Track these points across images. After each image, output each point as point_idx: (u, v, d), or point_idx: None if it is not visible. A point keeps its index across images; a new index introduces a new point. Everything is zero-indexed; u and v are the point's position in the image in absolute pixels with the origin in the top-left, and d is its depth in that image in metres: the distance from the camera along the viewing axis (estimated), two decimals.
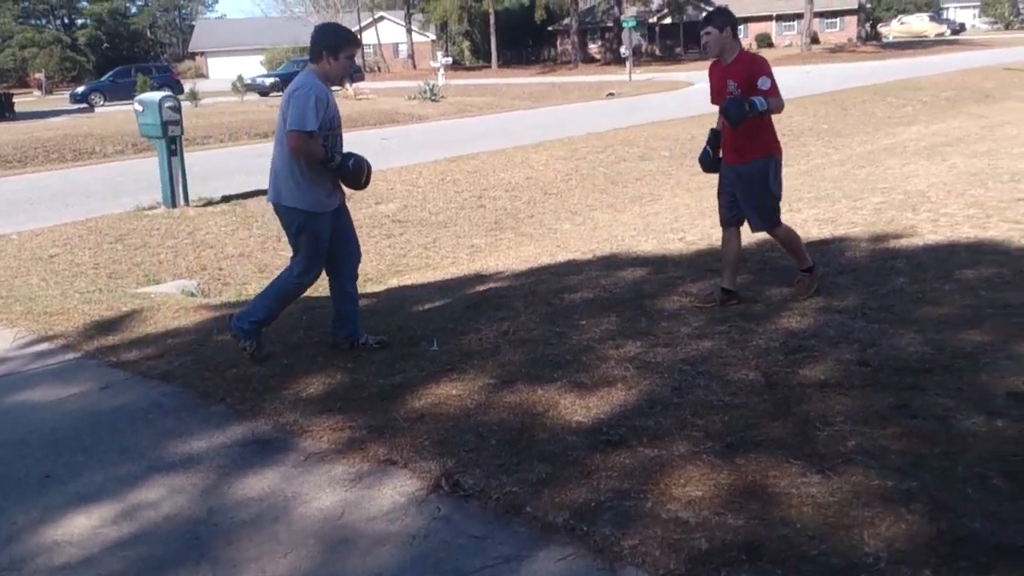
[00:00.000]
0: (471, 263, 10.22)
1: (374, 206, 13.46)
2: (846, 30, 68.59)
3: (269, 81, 45.58)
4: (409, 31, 72.06)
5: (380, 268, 10.61)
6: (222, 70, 71.83)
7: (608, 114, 25.75)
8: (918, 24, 76.30)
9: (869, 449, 3.74)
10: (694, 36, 68.04)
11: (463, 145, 19.89)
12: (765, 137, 5.88)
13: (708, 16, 5.85)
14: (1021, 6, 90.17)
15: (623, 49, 49.81)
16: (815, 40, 61.91)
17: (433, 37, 75.69)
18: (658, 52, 67.50)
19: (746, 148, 5.86)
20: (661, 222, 10.72)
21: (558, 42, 71.85)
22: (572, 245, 10.09)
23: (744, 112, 5.57)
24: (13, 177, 18.84)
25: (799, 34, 61.19)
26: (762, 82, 5.63)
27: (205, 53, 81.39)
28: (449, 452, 4.05)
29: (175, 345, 6.17)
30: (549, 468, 3.80)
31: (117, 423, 4.81)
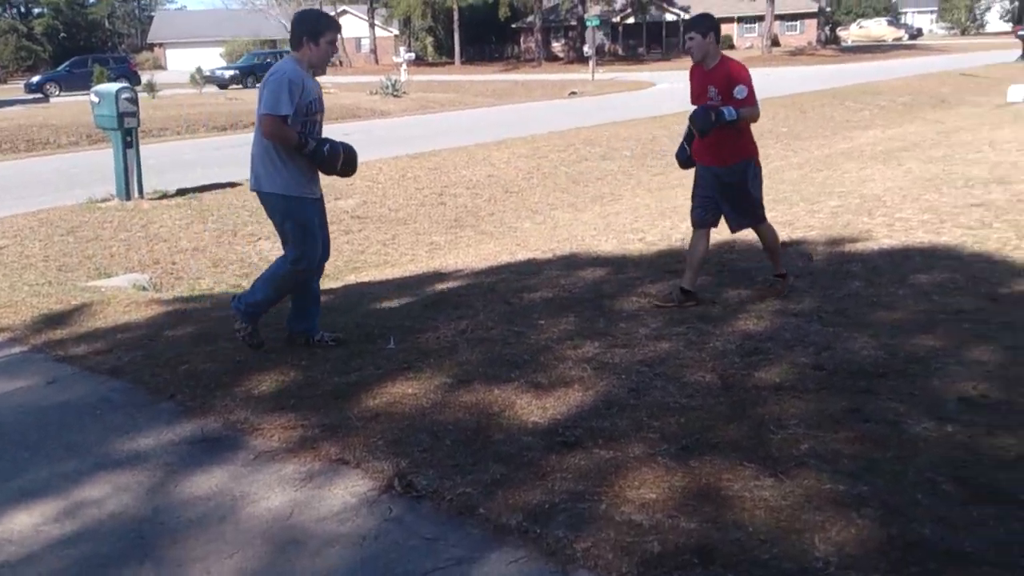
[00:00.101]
0: (430, 260, 10.18)
1: (333, 201, 13.33)
2: (806, 33, 69.23)
3: (228, 74, 45.06)
4: (372, 25, 71.74)
5: (338, 264, 10.52)
6: (181, 62, 70.92)
7: (570, 113, 25.79)
8: (876, 28, 77.32)
9: (822, 453, 3.75)
10: (657, 36, 68.50)
11: (424, 141, 19.82)
12: (742, 141, 5.89)
13: (692, 21, 5.85)
14: (977, 12, 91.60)
15: (586, 48, 49.95)
16: (776, 43, 62.45)
17: (396, 32, 75.40)
18: (621, 52, 67.68)
19: (724, 152, 5.87)
20: (621, 222, 10.73)
21: (522, 40, 71.87)
22: (532, 244, 10.07)
23: (711, 122, 5.60)
24: None
25: (760, 36, 61.67)
26: (738, 91, 5.64)
27: (164, 44, 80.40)
28: (403, 452, 4.00)
29: (125, 340, 6.07)
30: (504, 469, 3.77)
31: (64, 418, 4.72)
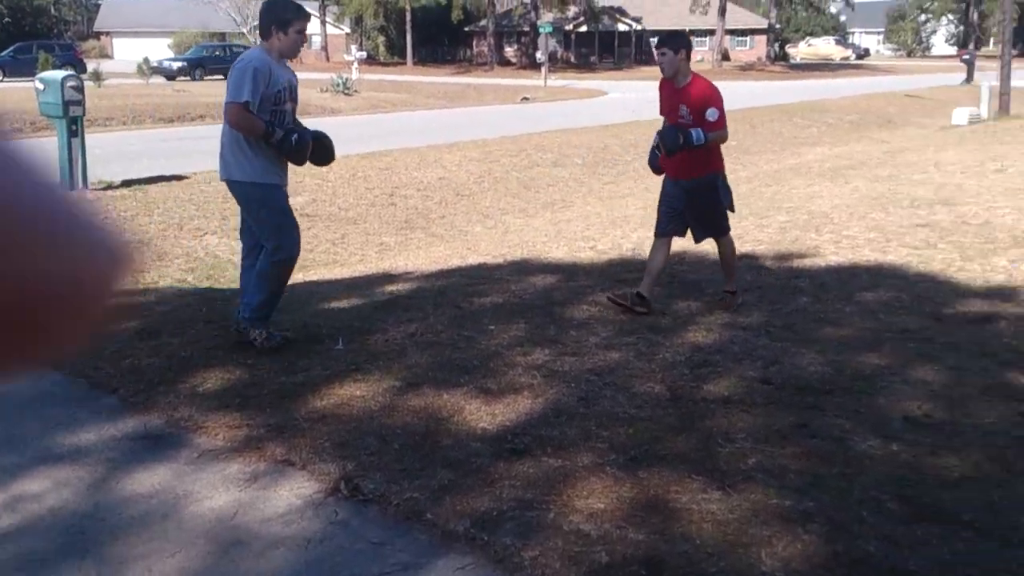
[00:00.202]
0: (380, 261, 10.10)
1: None
2: (756, 49, 70.03)
3: (176, 65, 44.26)
4: (323, 23, 71.15)
5: None
6: (128, 51, 69.59)
7: (522, 118, 25.78)
8: (825, 47, 78.56)
9: (769, 467, 3.78)
10: (609, 46, 68.89)
11: (376, 141, 19.69)
12: (710, 156, 5.97)
13: (664, 38, 5.92)
14: (923, 35, 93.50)
15: (539, 54, 50.08)
16: (726, 57, 63.11)
17: (348, 30, 74.87)
18: (573, 59, 67.90)
19: (691, 166, 5.94)
20: (572, 229, 10.75)
21: (474, 43, 71.80)
22: (483, 248, 10.05)
23: (679, 145, 5.70)
24: None
25: (711, 50, 62.19)
26: (711, 113, 5.73)
27: (111, 33, 78.87)
28: (350, 455, 3.97)
29: None
30: (452, 475, 3.75)
31: (3, 411, 4.59)
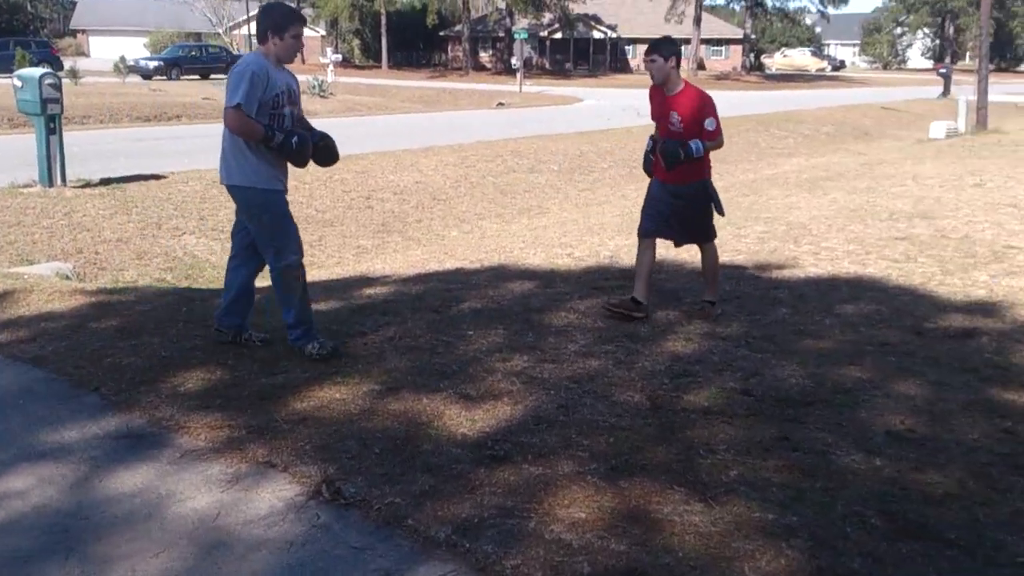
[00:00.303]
0: (357, 264, 10.09)
1: None
2: (731, 59, 70.48)
3: (153, 64, 44.11)
4: None
5: None
6: (104, 49, 68.98)
7: (498, 124, 25.81)
8: (800, 58, 79.20)
9: (751, 480, 3.79)
10: (584, 53, 69.09)
11: (352, 144, 19.55)
12: (700, 163, 6.01)
13: (655, 44, 5.96)
14: (899, 48, 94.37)
15: (514, 60, 50.08)
16: (701, 66, 63.45)
17: (323, 33, 74.52)
18: (548, 66, 68.03)
19: (683, 171, 5.98)
20: (549, 236, 10.77)
21: (449, 48, 71.76)
22: (460, 253, 10.05)
23: (679, 159, 5.80)
24: None
25: (686, 59, 62.49)
26: (709, 123, 5.84)
27: (87, 31, 78.10)
28: (331, 458, 3.95)
29: (48, 329, 5.89)
30: (433, 480, 3.75)
31: None
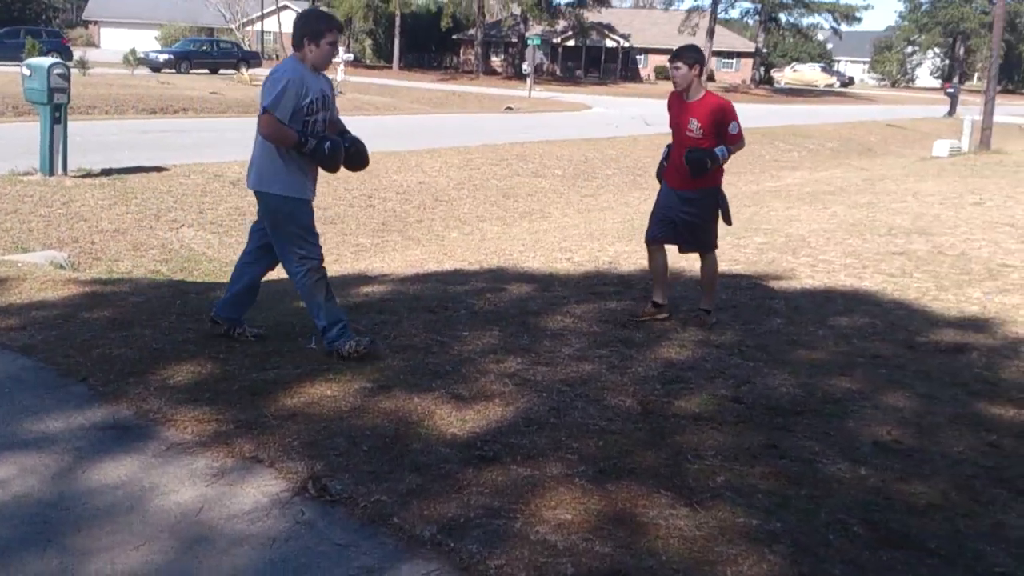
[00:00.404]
0: (355, 262, 10.09)
1: None
2: (741, 71, 70.56)
3: (163, 57, 43.87)
4: None
5: None
6: (115, 41, 69.16)
7: (505, 128, 25.80)
8: (810, 73, 79.17)
9: (737, 486, 3.78)
10: (596, 60, 69.14)
11: None
12: (712, 171, 6.04)
13: (679, 51, 5.96)
14: (908, 67, 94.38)
15: (525, 65, 50.15)
16: (711, 78, 63.49)
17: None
18: (559, 72, 68.10)
19: (691, 178, 6.00)
20: (550, 240, 10.77)
21: (461, 51, 71.85)
22: (459, 254, 10.05)
23: (706, 167, 5.88)
24: None
25: None
26: (732, 127, 5.93)
27: (99, 22, 78.27)
28: (318, 454, 3.94)
29: (39, 318, 5.88)
30: (420, 479, 3.73)
31: None
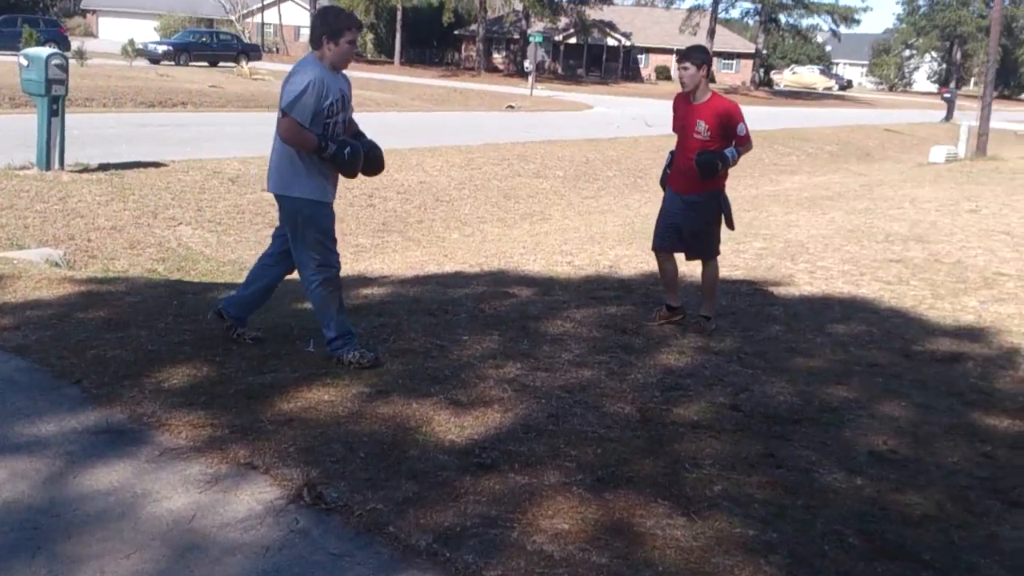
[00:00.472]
0: (355, 263, 10.05)
1: (260, 193, 13.09)
2: (741, 73, 70.58)
3: (162, 49, 43.71)
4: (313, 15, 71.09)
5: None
6: (113, 31, 68.98)
7: (507, 127, 25.74)
8: (809, 76, 79.13)
9: (734, 496, 3.77)
10: (597, 59, 69.08)
11: None
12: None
13: (688, 51, 5.95)
14: (906, 71, 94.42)
15: (527, 63, 50.02)
16: (712, 80, 63.46)
17: None
18: (560, 70, 68.03)
19: (696, 181, 6.00)
20: (550, 243, 10.74)
21: (463, 47, 71.76)
22: (460, 256, 10.02)
23: (717, 169, 5.87)
24: None
25: None
26: (740, 128, 5.90)
27: (97, 12, 78.10)
28: (314, 461, 3.91)
29: (34, 318, 5.84)
30: (417, 487, 3.71)
31: None
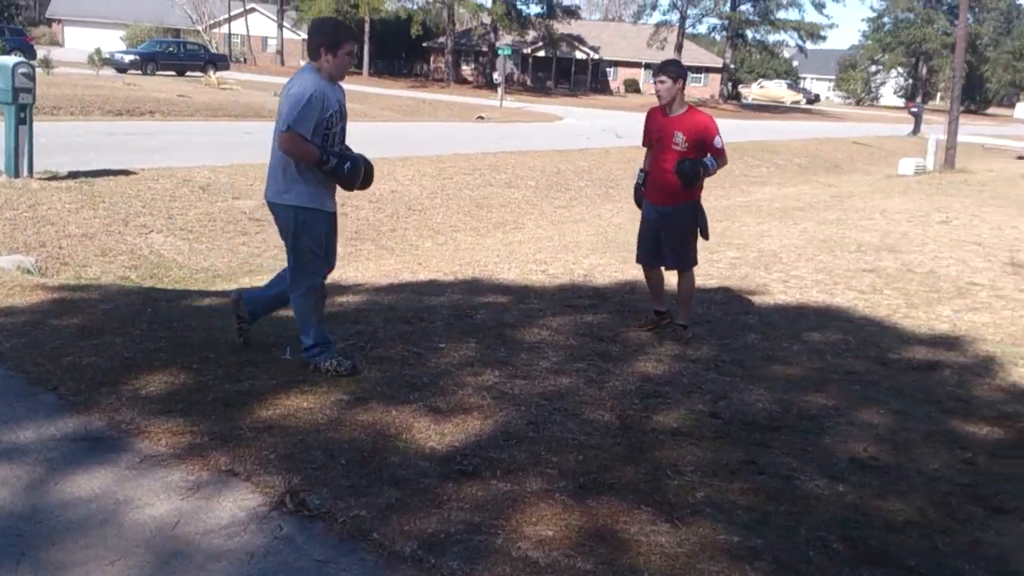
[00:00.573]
0: None
1: (231, 201, 13.04)
2: (709, 86, 71.12)
3: (129, 58, 43.34)
4: (280, 27, 70.75)
5: (232, 265, 10.28)
6: (79, 40, 68.54)
7: (477, 138, 25.73)
8: (776, 90, 79.85)
9: (717, 502, 3.78)
10: (566, 71, 69.42)
11: None
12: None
13: (664, 66, 6.02)
14: (872, 85, 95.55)
15: (496, 75, 50.14)
16: None
17: (304, 36, 74.53)
18: (529, 82, 68.26)
19: (674, 192, 6.07)
20: (524, 251, 10.75)
21: (432, 59, 71.82)
22: (434, 265, 10.01)
23: (698, 176, 5.96)
24: None
25: None
26: (717, 141, 5.99)
27: (62, 21, 77.48)
28: (296, 468, 3.89)
29: (7, 324, 5.77)
30: (399, 494, 3.69)
31: None
